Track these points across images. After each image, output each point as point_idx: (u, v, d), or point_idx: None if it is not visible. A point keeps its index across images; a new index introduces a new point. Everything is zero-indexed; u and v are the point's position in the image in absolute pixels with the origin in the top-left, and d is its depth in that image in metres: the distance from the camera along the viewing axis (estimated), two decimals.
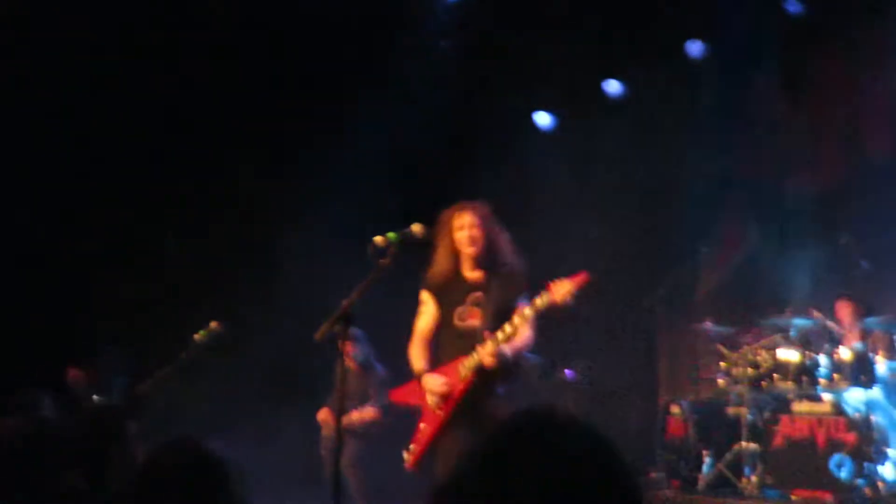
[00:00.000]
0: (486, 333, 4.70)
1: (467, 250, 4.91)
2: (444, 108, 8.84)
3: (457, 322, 4.87)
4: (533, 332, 4.83)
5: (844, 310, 7.25)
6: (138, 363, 6.75)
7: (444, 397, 4.73)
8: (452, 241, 4.95)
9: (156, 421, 5.58)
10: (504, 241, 4.98)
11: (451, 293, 4.94)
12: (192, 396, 7.81)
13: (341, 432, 4.31)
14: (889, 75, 8.05)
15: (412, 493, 4.78)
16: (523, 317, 4.70)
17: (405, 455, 4.90)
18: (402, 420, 5.56)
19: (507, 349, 4.69)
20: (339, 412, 4.26)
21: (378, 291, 4.26)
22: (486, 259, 4.92)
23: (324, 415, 7.71)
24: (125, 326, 8.38)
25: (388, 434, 6.87)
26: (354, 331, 7.83)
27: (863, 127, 8.30)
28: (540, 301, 4.63)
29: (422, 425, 4.86)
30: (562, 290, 4.55)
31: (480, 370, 4.68)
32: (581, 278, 4.56)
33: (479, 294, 4.86)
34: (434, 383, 4.77)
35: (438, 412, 4.76)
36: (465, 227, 4.91)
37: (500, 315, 4.74)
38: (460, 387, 4.71)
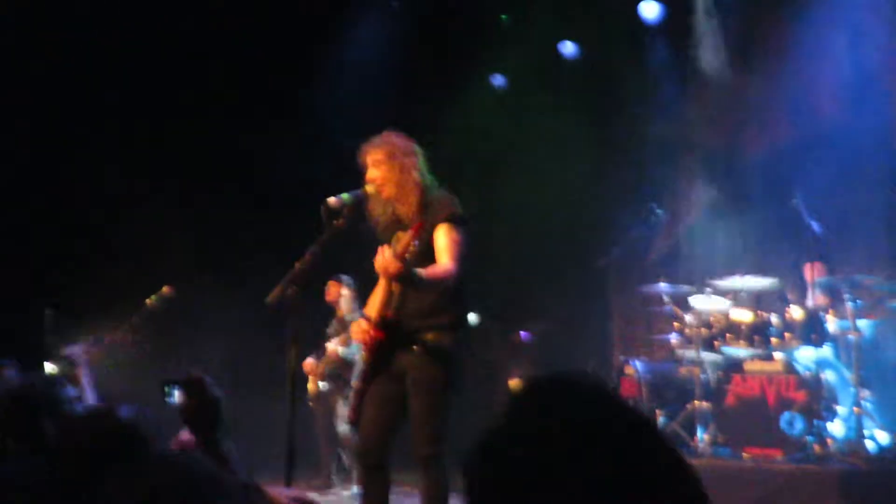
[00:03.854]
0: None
1: (377, 192, 4.41)
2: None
3: None
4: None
5: (818, 272, 7.20)
6: (90, 328, 6.62)
7: (365, 346, 4.34)
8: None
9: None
10: (412, 178, 4.39)
11: (386, 237, 4.42)
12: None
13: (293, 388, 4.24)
14: (835, 41, 8.11)
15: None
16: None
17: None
18: None
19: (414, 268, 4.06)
20: (292, 378, 4.18)
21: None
22: (399, 199, 4.38)
23: (309, 365, 7.59)
24: (74, 291, 8.23)
25: None
26: (344, 277, 7.80)
27: (811, 91, 8.35)
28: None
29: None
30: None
31: (385, 321, 4.28)
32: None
33: (404, 235, 4.24)
34: (356, 328, 4.40)
35: (364, 361, 4.40)
36: (369, 167, 4.42)
37: (421, 259, 4.20)
38: (373, 336, 4.28)
